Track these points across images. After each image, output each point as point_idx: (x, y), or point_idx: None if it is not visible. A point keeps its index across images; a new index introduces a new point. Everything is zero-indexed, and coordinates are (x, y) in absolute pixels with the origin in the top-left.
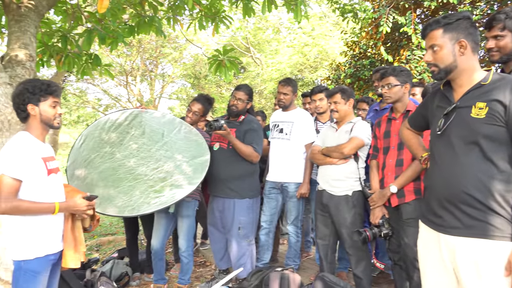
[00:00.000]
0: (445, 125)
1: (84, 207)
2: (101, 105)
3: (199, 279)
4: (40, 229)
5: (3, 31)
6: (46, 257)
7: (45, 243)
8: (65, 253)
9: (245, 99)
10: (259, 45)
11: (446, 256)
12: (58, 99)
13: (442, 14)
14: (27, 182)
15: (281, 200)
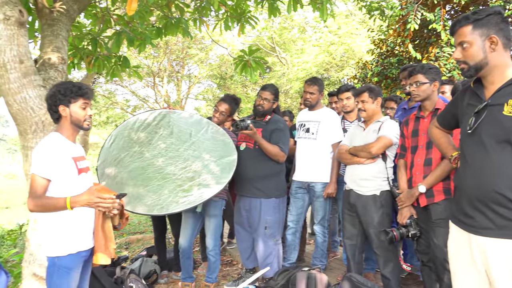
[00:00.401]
0: (476, 124)
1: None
2: (129, 106)
3: (226, 278)
4: (72, 226)
5: (36, 36)
6: (78, 254)
7: (77, 240)
8: (96, 250)
9: (271, 99)
10: (284, 44)
11: (477, 257)
12: (89, 101)
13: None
14: (58, 181)
15: (307, 200)
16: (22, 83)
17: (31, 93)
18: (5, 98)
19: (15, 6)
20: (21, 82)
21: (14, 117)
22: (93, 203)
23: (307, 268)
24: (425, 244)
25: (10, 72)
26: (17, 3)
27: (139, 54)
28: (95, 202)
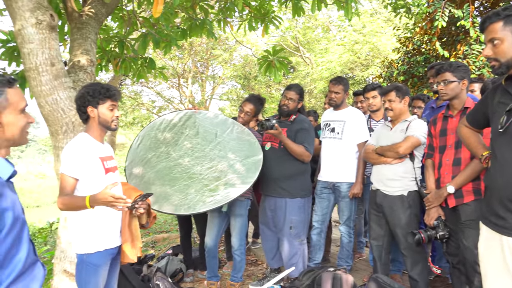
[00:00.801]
0: (508, 122)
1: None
2: (155, 107)
3: (250, 278)
4: (100, 225)
5: (65, 39)
6: (105, 251)
7: (105, 238)
8: (123, 248)
9: (296, 99)
10: (308, 44)
11: (510, 259)
12: (116, 102)
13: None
14: (85, 180)
15: (333, 200)
16: (53, 85)
17: (62, 95)
18: (37, 100)
19: (47, 11)
20: (52, 84)
21: (45, 118)
22: (107, 202)
23: (333, 269)
24: (454, 246)
25: (42, 75)
26: (48, 8)
27: (165, 56)
28: (109, 201)
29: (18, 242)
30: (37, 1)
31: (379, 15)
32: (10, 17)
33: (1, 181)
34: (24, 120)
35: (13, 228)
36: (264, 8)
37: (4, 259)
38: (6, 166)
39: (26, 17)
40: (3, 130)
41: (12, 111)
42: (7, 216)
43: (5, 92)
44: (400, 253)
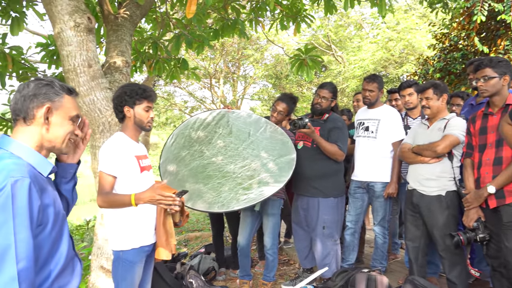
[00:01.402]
0: None
1: (157, 196)
2: (187, 107)
3: (282, 277)
4: (135, 222)
5: (101, 41)
6: (141, 248)
7: (140, 235)
8: (158, 245)
9: (329, 97)
10: (340, 42)
11: None
12: (152, 104)
13: None
14: (122, 178)
15: (367, 200)
16: (90, 86)
17: (99, 95)
18: None
19: (84, 14)
20: (89, 85)
21: None
22: (155, 200)
23: (367, 270)
24: (495, 248)
25: (80, 76)
26: (86, 11)
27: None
28: (156, 199)
29: (60, 237)
30: (75, 4)
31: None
32: (50, 21)
33: (43, 177)
34: (70, 128)
35: (55, 223)
36: (296, 7)
37: (50, 253)
38: (46, 163)
39: (65, 20)
40: (48, 128)
41: (62, 115)
42: (49, 211)
43: (62, 96)
44: (438, 255)
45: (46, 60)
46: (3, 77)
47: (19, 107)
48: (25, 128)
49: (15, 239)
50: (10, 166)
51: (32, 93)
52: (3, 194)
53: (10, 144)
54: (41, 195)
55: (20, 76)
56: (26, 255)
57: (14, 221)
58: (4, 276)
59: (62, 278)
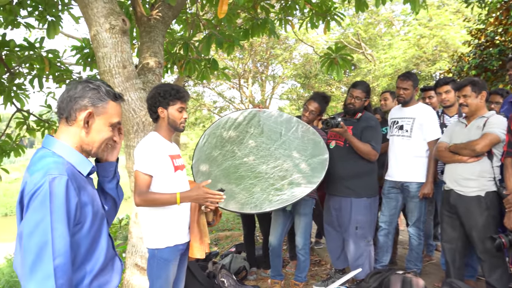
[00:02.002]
0: None
1: (203, 194)
2: (216, 107)
3: (314, 278)
4: (170, 221)
5: (134, 43)
6: (175, 247)
7: (174, 234)
8: (192, 244)
9: (362, 97)
10: (370, 40)
11: None
12: (185, 104)
13: None
14: (157, 177)
15: (401, 200)
16: (125, 87)
17: (133, 96)
18: None
19: (119, 16)
20: (124, 85)
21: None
22: (203, 198)
23: (402, 272)
24: None
25: (115, 77)
26: (121, 13)
27: (226, 57)
28: (205, 197)
29: (99, 236)
30: (111, 7)
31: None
32: (86, 23)
33: (82, 177)
34: (108, 134)
35: (94, 222)
36: (326, 5)
37: (88, 252)
38: (86, 162)
39: (100, 23)
40: (88, 132)
41: (103, 121)
42: (88, 210)
43: (106, 101)
44: (476, 257)
45: (81, 62)
46: (41, 79)
47: (63, 107)
48: (67, 128)
49: (52, 236)
50: (50, 164)
51: (77, 95)
52: (41, 192)
53: (53, 144)
54: (79, 193)
55: (56, 78)
56: (63, 251)
57: (51, 218)
58: (41, 272)
59: (101, 277)
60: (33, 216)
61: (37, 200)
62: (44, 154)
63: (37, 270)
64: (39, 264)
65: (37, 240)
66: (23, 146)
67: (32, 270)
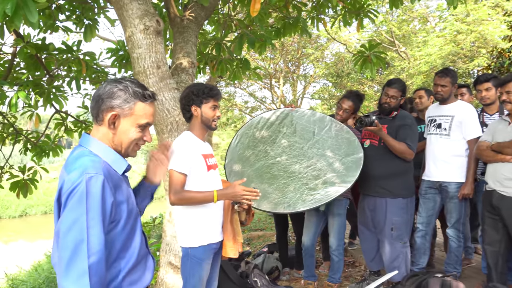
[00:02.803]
0: None
1: (241, 191)
2: (248, 107)
3: (348, 279)
4: (204, 220)
5: (167, 44)
6: (209, 246)
7: (208, 233)
8: (225, 243)
9: (398, 96)
10: (404, 37)
11: None
12: (218, 102)
13: None
14: (191, 176)
15: (439, 201)
16: (159, 87)
17: (167, 96)
18: None
19: (153, 17)
20: (158, 86)
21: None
22: (240, 196)
23: (441, 275)
24: None
25: (149, 77)
26: (155, 14)
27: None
28: (242, 194)
29: (133, 233)
30: (145, 8)
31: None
32: (121, 25)
33: (118, 175)
34: (137, 135)
35: (128, 220)
36: (359, 2)
37: (122, 249)
38: (122, 161)
39: (135, 24)
40: (115, 133)
41: (131, 122)
42: (123, 208)
43: (133, 103)
44: None
45: (116, 64)
46: (78, 81)
47: (92, 106)
48: (98, 128)
49: (88, 234)
50: (87, 163)
51: (104, 96)
52: (78, 190)
53: (89, 143)
54: (115, 192)
55: (93, 80)
56: (97, 249)
57: (87, 217)
58: (76, 269)
59: (133, 274)
60: (70, 215)
61: (74, 198)
62: (81, 152)
63: (73, 267)
64: (74, 262)
65: (73, 238)
66: (62, 146)
67: (67, 267)
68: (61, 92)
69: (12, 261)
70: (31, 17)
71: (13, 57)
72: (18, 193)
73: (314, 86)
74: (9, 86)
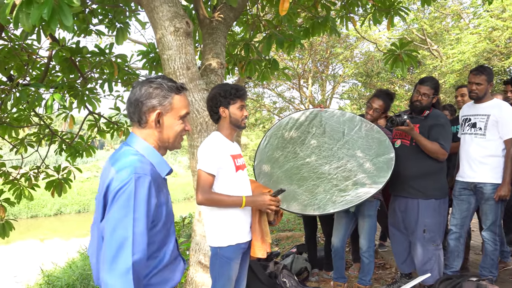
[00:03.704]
0: None
1: (268, 202)
2: (276, 108)
3: (378, 282)
4: (232, 220)
5: (196, 46)
6: (237, 245)
7: (237, 233)
8: (254, 243)
9: (430, 94)
10: (436, 35)
11: None
12: (244, 102)
13: None
14: (219, 177)
15: (474, 203)
16: (189, 88)
17: (196, 96)
18: None
19: (183, 19)
20: (188, 86)
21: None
22: (266, 206)
23: (476, 278)
24: None
25: (179, 78)
26: (185, 16)
27: (286, 57)
28: (268, 204)
29: (168, 235)
30: (175, 10)
31: None
32: (152, 27)
33: (161, 177)
34: (181, 126)
35: (166, 221)
36: (389, 0)
37: (157, 249)
38: (165, 164)
39: (165, 26)
40: (161, 131)
41: (173, 115)
42: (163, 210)
43: (171, 97)
44: None
45: (147, 66)
46: (110, 83)
47: (132, 111)
48: (141, 131)
49: (133, 232)
50: (136, 163)
51: (143, 98)
52: (127, 189)
53: (136, 142)
54: (158, 194)
55: (124, 82)
56: (141, 248)
57: (133, 216)
58: (121, 266)
59: (164, 273)
60: (117, 212)
61: (122, 197)
62: (128, 151)
63: (117, 264)
64: (119, 258)
65: (119, 235)
66: (94, 147)
67: (112, 264)
68: (94, 94)
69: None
70: (66, 21)
71: (49, 61)
72: (53, 192)
73: (343, 86)
74: (45, 88)
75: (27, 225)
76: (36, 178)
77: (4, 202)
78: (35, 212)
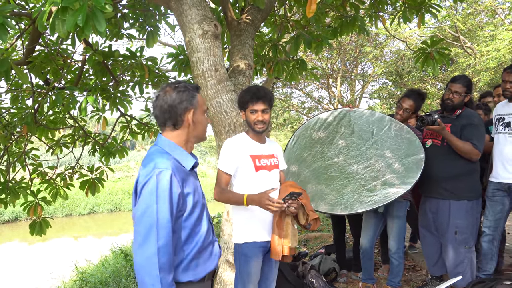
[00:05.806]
0: None
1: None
2: (304, 108)
3: (408, 284)
4: (250, 218)
5: (224, 47)
6: (253, 243)
7: (252, 231)
8: (271, 244)
9: (462, 92)
10: (469, 32)
11: None
12: (258, 106)
13: None
14: (237, 176)
15: (508, 204)
16: (217, 89)
17: (225, 98)
18: None
19: (211, 22)
20: (216, 88)
21: (210, 120)
22: (263, 205)
23: (509, 282)
24: None
25: (207, 80)
26: (213, 18)
27: (316, 56)
28: (264, 203)
29: (199, 222)
30: (203, 13)
31: None
32: (181, 30)
33: (186, 170)
34: (207, 120)
35: (194, 210)
36: None
37: (188, 236)
38: (189, 158)
39: (194, 29)
40: (194, 127)
41: (200, 112)
42: (189, 199)
43: (196, 96)
44: None
45: (176, 69)
46: (141, 85)
47: (168, 117)
48: (174, 132)
49: (158, 219)
50: (158, 160)
51: (177, 102)
52: (149, 183)
53: (163, 142)
54: (182, 185)
55: (155, 84)
56: (165, 233)
57: (157, 205)
58: (147, 250)
59: (199, 259)
60: (143, 203)
61: (146, 190)
62: (155, 150)
63: (144, 248)
64: (146, 243)
65: (146, 223)
66: (127, 148)
67: (140, 247)
68: (125, 96)
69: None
70: (100, 26)
71: (83, 64)
72: (87, 191)
73: (372, 85)
74: (80, 91)
75: (62, 223)
76: (71, 178)
77: (41, 201)
78: (69, 211)
